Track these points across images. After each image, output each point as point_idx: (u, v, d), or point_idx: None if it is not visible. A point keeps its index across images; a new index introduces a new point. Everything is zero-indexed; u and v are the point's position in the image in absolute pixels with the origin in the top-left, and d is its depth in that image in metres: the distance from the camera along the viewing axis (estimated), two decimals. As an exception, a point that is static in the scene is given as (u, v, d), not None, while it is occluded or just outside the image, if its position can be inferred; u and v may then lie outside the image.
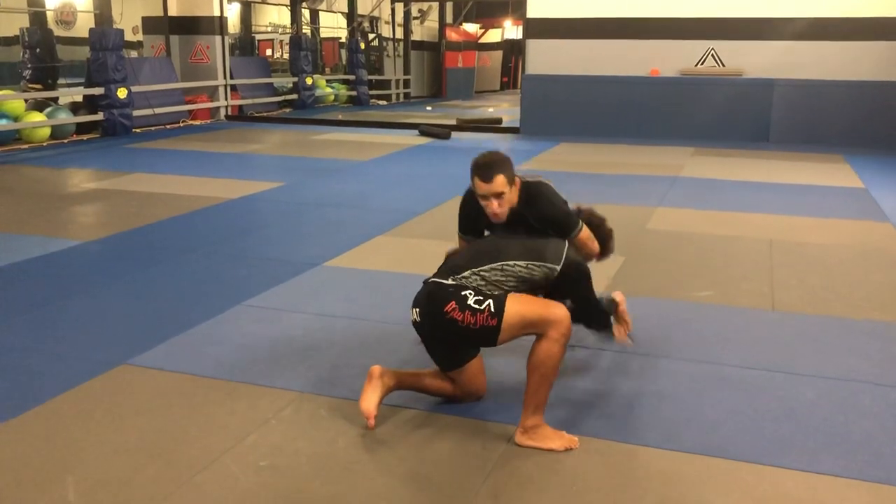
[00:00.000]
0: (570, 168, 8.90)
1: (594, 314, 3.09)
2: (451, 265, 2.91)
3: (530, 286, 2.86)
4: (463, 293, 2.72)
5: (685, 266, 5.07)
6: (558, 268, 2.87)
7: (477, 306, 2.68)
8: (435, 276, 2.91)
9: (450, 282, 2.79)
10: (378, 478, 2.57)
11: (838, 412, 3.06)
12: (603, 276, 4.77)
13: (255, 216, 6.46)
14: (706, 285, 4.65)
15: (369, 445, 2.76)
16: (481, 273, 2.79)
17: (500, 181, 2.83)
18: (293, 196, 7.26)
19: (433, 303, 2.80)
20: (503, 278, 2.79)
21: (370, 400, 2.81)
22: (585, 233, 3.10)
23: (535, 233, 2.96)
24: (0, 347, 3.64)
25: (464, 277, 2.79)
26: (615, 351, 3.54)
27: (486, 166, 2.84)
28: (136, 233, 5.86)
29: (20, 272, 4.84)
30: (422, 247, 5.49)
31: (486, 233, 3.18)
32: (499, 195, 2.85)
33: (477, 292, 2.72)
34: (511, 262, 2.80)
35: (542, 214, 2.94)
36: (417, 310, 2.88)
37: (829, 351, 3.67)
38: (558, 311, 2.69)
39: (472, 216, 3.13)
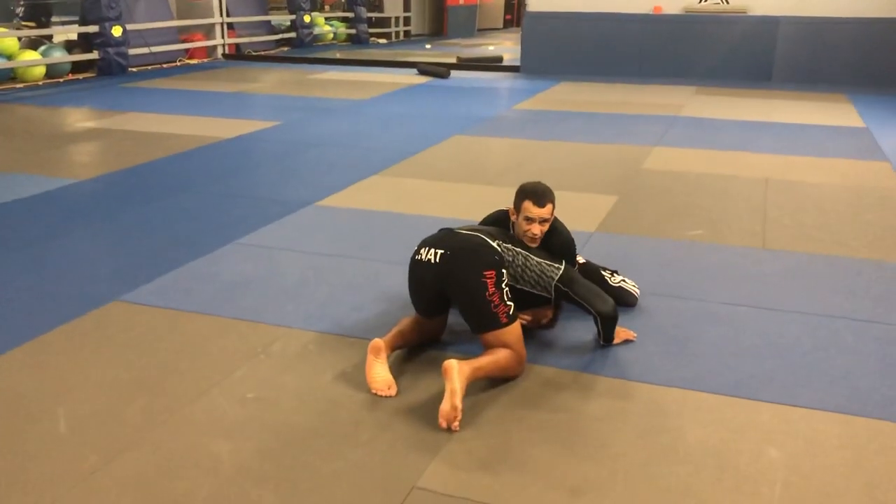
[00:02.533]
0: (570, 107, 8.81)
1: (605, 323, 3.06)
2: (488, 230, 3.00)
3: (538, 289, 2.99)
4: (503, 272, 2.83)
5: (679, 205, 5.06)
6: (562, 266, 3.03)
7: (506, 297, 2.81)
8: (470, 230, 2.97)
9: (496, 246, 2.87)
10: (363, 411, 2.62)
11: (820, 348, 3.09)
12: (595, 215, 4.78)
13: (249, 155, 6.43)
14: (698, 224, 4.65)
15: (355, 380, 2.81)
16: (518, 254, 2.95)
17: (549, 209, 3.09)
18: (288, 135, 7.22)
19: (475, 256, 2.82)
20: (521, 271, 2.94)
21: (384, 374, 2.76)
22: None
23: None
24: (-7, 284, 3.68)
25: (508, 250, 2.92)
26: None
27: (542, 193, 3.08)
28: (131, 172, 5.85)
29: (14, 210, 4.86)
30: (414, 187, 5.48)
31: None
32: (544, 221, 3.09)
33: (510, 288, 2.85)
34: (533, 257, 3.00)
35: (557, 245, 3.20)
36: (441, 252, 2.84)
37: (816, 289, 3.69)
38: (524, 357, 2.87)
39: (500, 225, 3.30)
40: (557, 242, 3.20)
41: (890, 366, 2.96)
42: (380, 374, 2.76)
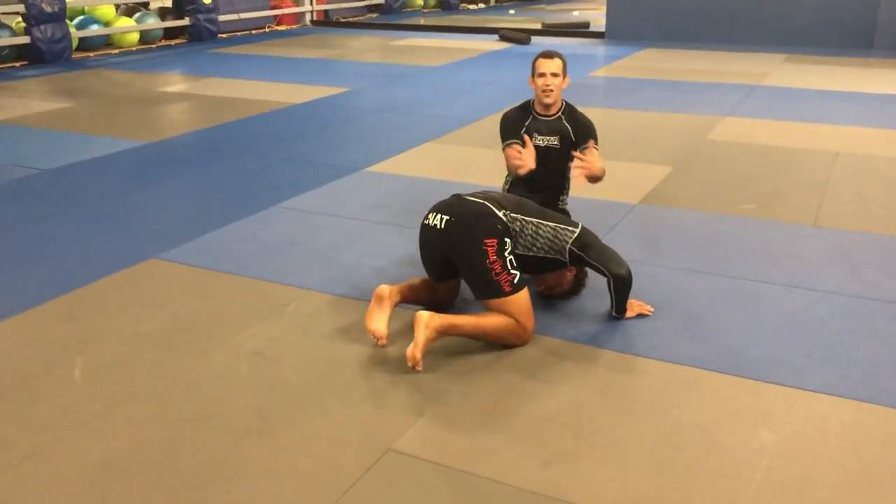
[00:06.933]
0: (646, 75, 8.55)
1: (618, 290, 3.01)
2: (498, 198, 2.97)
3: (552, 254, 2.95)
4: (506, 241, 2.82)
5: (735, 178, 4.87)
6: (578, 230, 2.99)
7: (510, 266, 2.80)
8: (481, 197, 2.95)
9: (502, 216, 2.86)
10: (359, 372, 2.68)
11: (845, 331, 2.95)
12: (643, 187, 4.67)
13: (313, 120, 6.56)
14: (751, 198, 4.47)
15: (359, 342, 2.86)
16: (528, 223, 2.91)
17: (558, 63, 3.56)
18: (355, 101, 7.31)
19: (477, 224, 2.83)
20: (532, 240, 2.90)
21: (380, 321, 2.81)
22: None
23: (565, 152, 3.60)
24: (45, 238, 3.92)
25: (514, 219, 2.89)
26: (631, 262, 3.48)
27: (551, 52, 3.62)
28: (198, 135, 6.07)
29: (80, 171, 5.13)
30: (465, 154, 5.47)
31: (528, 144, 3.53)
32: (554, 75, 3.52)
33: (515, 256, 2.83)
34: (546, 223, 2.95)
35: (581, 123, 3.63)
36: (446, 218, 2.87)
37: (859, 269, 3.50)
38: (532, 328, 2.85)
39: (513, 121, 3.67)
40: (584, 121, 3.62)
41: (919, 353, 2.80)
42: (375, 322, 2.82)
